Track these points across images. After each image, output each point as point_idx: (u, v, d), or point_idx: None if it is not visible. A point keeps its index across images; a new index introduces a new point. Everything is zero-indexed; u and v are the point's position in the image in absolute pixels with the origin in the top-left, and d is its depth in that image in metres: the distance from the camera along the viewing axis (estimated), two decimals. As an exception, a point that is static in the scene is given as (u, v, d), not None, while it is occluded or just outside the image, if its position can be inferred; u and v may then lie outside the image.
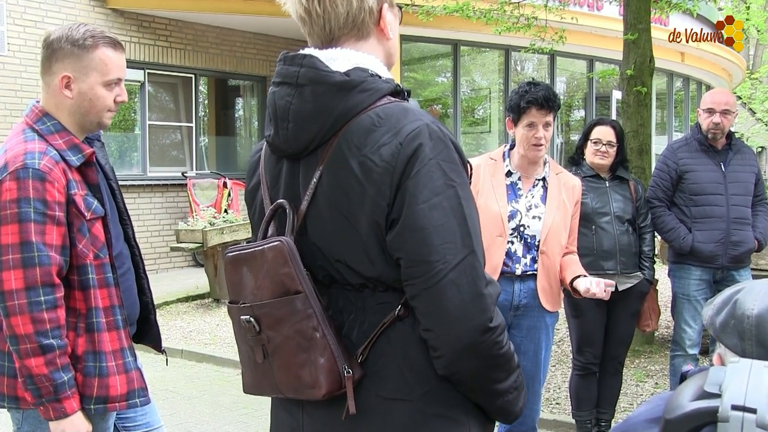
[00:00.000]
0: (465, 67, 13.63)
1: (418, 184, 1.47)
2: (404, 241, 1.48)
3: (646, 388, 5.52)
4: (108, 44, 2.28)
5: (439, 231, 1.47)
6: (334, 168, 1.54)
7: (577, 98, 15.96)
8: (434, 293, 1.47)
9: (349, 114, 1.54)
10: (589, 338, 4.21)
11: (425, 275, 1.47)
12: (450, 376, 1.55)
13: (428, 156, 1.48)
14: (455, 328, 1.48)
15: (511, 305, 3.38)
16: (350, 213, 1.53)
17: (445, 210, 1.48)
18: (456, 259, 1.47)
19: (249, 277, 1.61)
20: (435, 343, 1.52)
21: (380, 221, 1.50)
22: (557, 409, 5.15)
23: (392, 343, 1.56)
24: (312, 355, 1.52)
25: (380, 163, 1.49)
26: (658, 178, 4.49)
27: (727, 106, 4.35)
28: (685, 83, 17.89)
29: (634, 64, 6.37)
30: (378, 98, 1.56)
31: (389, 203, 1.49)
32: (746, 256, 4.38)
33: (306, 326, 1.53)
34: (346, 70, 1.56)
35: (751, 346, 1.33)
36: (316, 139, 1.56)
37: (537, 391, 3.58)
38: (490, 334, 1.50)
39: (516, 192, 3.44)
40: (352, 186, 1.52)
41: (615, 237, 4.09)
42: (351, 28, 1.62)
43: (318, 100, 1.55)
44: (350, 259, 1.55)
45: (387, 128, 1.51)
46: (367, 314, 1.58)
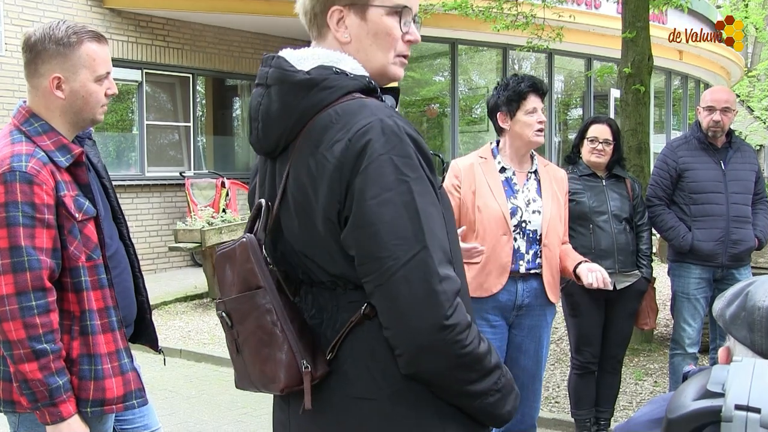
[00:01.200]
0: (463, 66, 13.62)
1: (366, 180, 1.45)
2: (355, 239, 1.48)
3: (645, 387, 5.52)
4: (92, 38, 2.24)
5: (389, 227, 1.44)
6: (296, 166, 1.56)
7: (575, 97, 15.96)
8: (386, 290, 1.45)
9: (311, 112, 1.54)
10: (588, 337, 4.20)
11: (376, 272, 1.46)
12: (414, 376, 1.52)
13: (378, 151, 1.46)
14: (410, 325, 1.45)
15: (515, 305, 3.37)
16: (309, 211, 1.54)
17: (395, 205, 1.45)
18: (407, 255, 1.44)
19: (229, 274, 1.64)
20: (394, 342, 1.50)
21: (333, 219, 1.50)
22: (556, 408, 5.14)
23: (360, 342, 1.55)
24: (272, 350, 1.54)
25: (331, 160, 1.49)
26: (658, 177, 4.48)
27: (728, 103, 4.33)
28: (684, 81, 17.90)
29: (633, 62, 6.36)
30: (341, 95, 1.55)
31: (340, 200, 1.48)
32: (746, 254, 4.36)
33: (266, 321, 1.54)
34: (309, 69, 1.57)
35: (762, 337, 1.32)
36: (282, 138, 1.58)
37: (538, 389, 3.59)
38: (448, 332, 1.45)
39: (513, 188, 3.44)
40: (309, 184, 1.52)
41: (613, 236, 4.08)
42: (310, 28, 1.67)
43: (282, 99, 1.57)
44: (315, 256, 1.57)
45: (341, 125, 1.51)
46: (339, 312, 1.58)
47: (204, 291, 8.98)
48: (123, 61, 10.07)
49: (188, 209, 10.30)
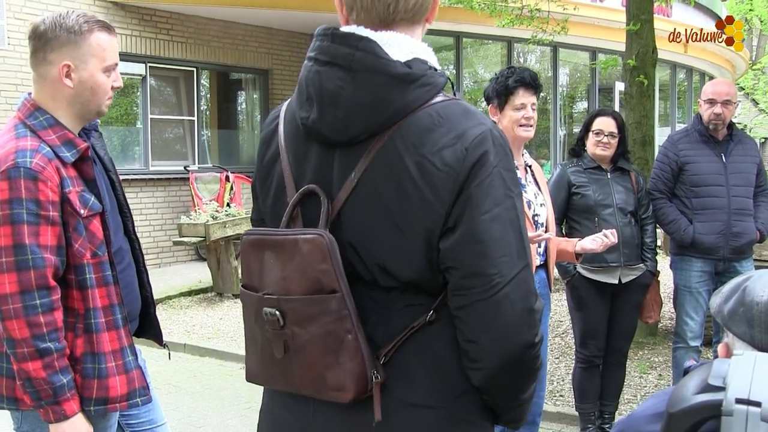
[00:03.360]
0: (467, 60, 13.60)
1: (481, 193, 1.41)
2: (463, 252, 1.42)
3: (650, 380, 5.51)
4: (102, 28, 2.21)
5: (498, 243, 1.42)
6: (384, 165, 1.45)
7: (580, 90, 15.93)
8: (487, 306, 1.42)
9: (407, 109, 1.44)
10: (593, 331, 4.20)
11: (480, 287, 1.42)
12: (484, 387, 1.51)
13: (493, 163, 1.42)
14: (504, 342, 1.43)
15: None
16: (399, 215, 1.44)
17: (504, 222, 1.43)
18: (512, 273, 1.42)
19: (274, 265, 1.50)
20: (477, 356, 1.46)
21: (435, 228, 1.43)
22: (561, 402, 5.14)
23: (421, 348, 1.50)
24: (341, 357, 1.45)
25: (442, 167, 1.41)
26: (659, 170, 4.46)
27: (728, 96, 4.31)
28: (688, 74, 17.85)
29: (637, 54, 6.35)
30: (435, 93, 1.47)
31: (447, 210, 1.42)
32: (748, 247, 4.35)
33: (339, 327, 1.45)
34: (407, 61, 1.46)
35: (761, 332, 1.32)
36: (367, 131, 1.45)
37: (543, 378, 3.61)
38: (533, 350, 1.46)
39: (519, 181, 3.42)
40: (406, 187, 1.43)
41: (618, 229, 4.06)
42: (414, 14, 1.51)
43: (376, 90, 1.44)
44: (389, 261, 1.47)
45: (448, 129, 1.43)
46: (392, 316, 1.50)
47: (208, 285, 9.00)
48: (127, 55, 10.06)
49: (192, 203, 10.31)
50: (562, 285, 5.49)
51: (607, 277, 4.10)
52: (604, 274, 4.10)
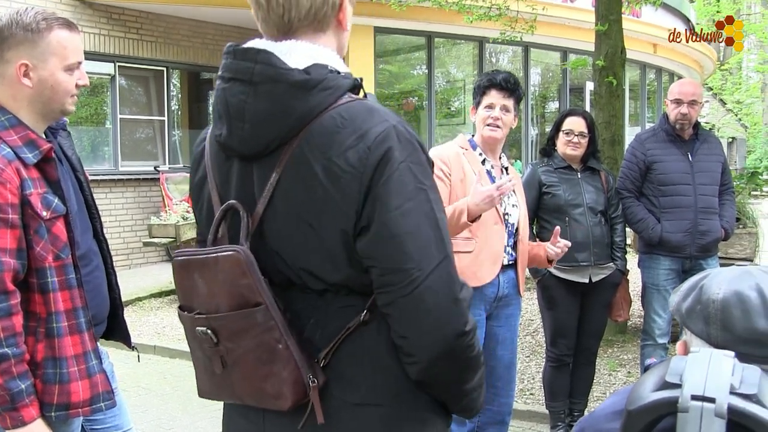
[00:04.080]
0: (439, 59, 13.62)
1: (389, 190, 1.41)
2: (377, 250, 1.43)
3: (619, 377, 5.56)
4: (62, 26, 2.15)
5: (413, 237, 1.42)
6: (295, 171, 1.46)
7: (552, 90, 16.03)
8: (411, 301, 1.43)
9: (311, 114, 1.45)
10: (563, 330, 4.22)
11: (401, 283, 1.42)
12: (422, 381, 1.52)
13: (398, 159, 1.42)
14: (432, 334, 1.44)
15: (496, 296, 3.40)
16: (313, 219, 1.46)
17: (418, 215, 1.43)
18: (431, 265, 1.43)
19: (202, 284, 1.53)
20: (410, 350, 1.47)
21: (347, 229, 1.44)
22: (531, 400, 5.17)
23: (358, 348, 1.51)
24: (275, 367, 1.47)
25: (347, 168, 1.42)
26: (627, 169, 4.51)
27: (695, 96, 4.36)
28: (658, 74, 18.04)
29: (606, 54, 6.40)
30: (339, 96, 1.48)
31: (357, 210, 1.43)
32: (714, 245, 4.41)
33: (269, 338, 1.46)
34: (306, 68, 1.47)
35: (716, 330, 1.34)
36: (275, 141, 1.47)
37: (513, 378, 3.62)
38: (465, 338, 1.48)
39: (493, 180, 3.45)
40: (316, 191, 1.44)
41: (588, 228, 4.10)
42: (312, 21, 1.53)
43: (276, 99, 1.46)
44: (313, 265, 1.49)
45: (352, 130, 1.43)
46: (329, 318, 1.52)
47: (179, 286, 8.91)
48: (95, 54, 9.96)
49: (163, 204, 10.23)
50: (533, 284, 5.53)
51: (578, 277, 4.13)
52: (575, 273, 4.13)
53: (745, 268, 1.41)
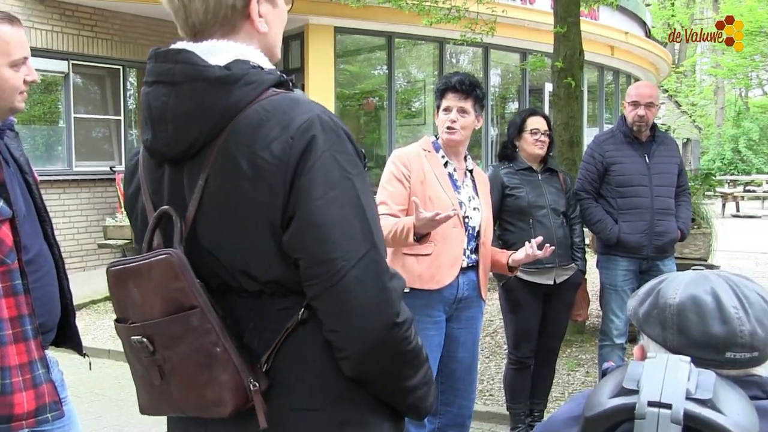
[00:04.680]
0: (400, 60, 13.63)
1: (313, 178, 1.39)
2: (302, 240, 1.41)
3: (577, 377, 5.60)
4: (3, 20, 2.09)
5: (338, 227, 1.40)
6: (222, 169, 1.44)
7: (512, 90, 16.14)
8: (337, 292, 1.40)
9: (234, 110, 1.43)
10: (527, 333, 4.22)
11: (327, 274, 1.40)
12: (358, 377, 1.49)
13: (321, 148, 1.40)
14: (362, 326, 1.42)
15: (456, 298, 3.38)
16: (243, 216, 1.43)
17: (343, 204, 1.41)
18: (358, 254, 1.40)
19: (136, 293, 1.49)
20: (341, 344, 1.45)
21: (275, 221, 1.42)
22: (491, 401, 5.17)
23: (298, 350, 1.48)
24: (214, 372, 1.43)
25: (271, 159, 1.39)
26: (585, 171, 4.53)
27: (651, 99, 4.41)
28: (615, 76, 18.28)
29: (564, 56, 6.45)
30: (263, 90, 1.47)
31: (284, 202, 1.40)
32: (670, 246, 4.45)
33: (205, 342, 1.42)
34: (226, 63, 1.46)
35: (672, 334, 1.35)
36: (200, 140, 1.45)
37: (474, 380, 3.61)
38: (398, 330, 1.45)
39: (455, 183, 3.45)
40: (243, 187, 1.42)
41: (552, 230, 4.10)
42: (213, 23, 1.51)
43: (198, 98, 1.44)
44: (247, 264, 1.46)
45: (275, 122, 1.41)
46: (267, 321, 1.49)
47: (135, 288, 8.76)
48: (47, 51, 9.75)
49: (119, 205, 10.06)
50: (492, 284, 5.53)
51: (543, 279, 4.14)
52: (540, 275, 4.13)
53: (701, 273, 1.41)
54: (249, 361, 1.46)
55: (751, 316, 1.31)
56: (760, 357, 1.32)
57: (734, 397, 1.20)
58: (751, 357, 1.31)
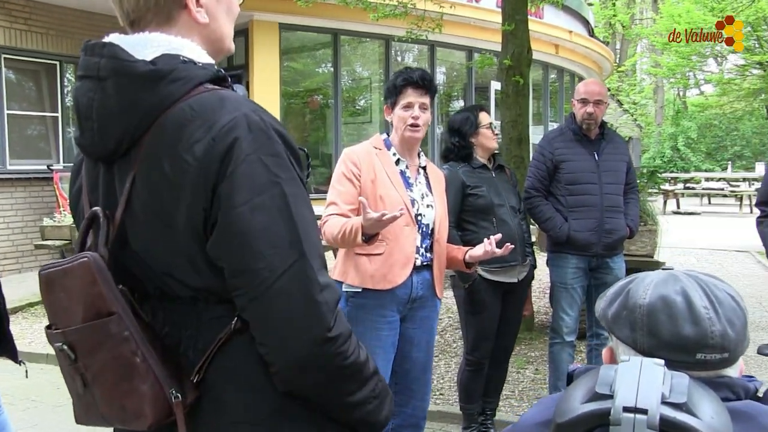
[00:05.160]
0: (345, 57, 13.56)
1: (235, 183, 1.32)
2: (224, 249, 1.34)
3: (527, 375, 5.61)
4: None
5: (263, 235, 1.32)
6: (147, 170, 1.37)
7: (457, 89, 16.21)
8: (262, 304, 1.33)
9: (159, 107, 1.36)
10: (487, 334, 4.17)
11: (250, 285, 1.33)
12: (292, 393, 1.42)
13: (245, 151, 1.33)
14: (289, 341, 1.34)
15: (410, 298, 3.32)
16: (168, 219, 1.37)
17: (269, 211, 1.33)
18: (284, 265, 1.33)
19: (64, 298, 1.41)
20: (270, 358, 1.37)
21: (198, 227, 1.35)
22: (441, 400, 5.13)
23: (231, 361, 1.41)
24: (134, 382, 1.36)
25: (193, 162, 1.32)
26: (535, 169, 4.52)
27: (600, 96, 4.42)
28: (560, 75, 18.53)
29: (512, 54, 6.46)
30: (192, 87, 1.39)
31: (206, 207, 1.33)
32: (619, 243, 4.47)
33: (125, 351, 1.36)
34: (153, 58, 1.38)
35: (643, 336, 1.31)
36: (125, 139, 1.38)
37: (428, 380, 3.57)
38: (330, 345, 1.36)
39: (407, 180, 3.39)
40: (167, 189, 1.35)
41: (514, 227, 4.07)
42: (146, 12, 1.45)
43: (122, 94, 1.37)
44: (174, 269, 1.40)
45: (201, 122, 1.34)
46: (202, 329, 1.42)
47: (75, 290, 8.50)
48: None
49: (57, 204, 9.75)
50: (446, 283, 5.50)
51: (508, 277, 4.11)
52: (505, 274, 4.09)
53: (670, 272, 1.38)
54: (178, 371, 1.40)
55: (721, 316, 1.28)
56: (731, 358, 1.29)
57: (708, 400, 1.16)
58: (721, 358, 1.28)
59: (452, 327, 6.99)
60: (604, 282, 4.45)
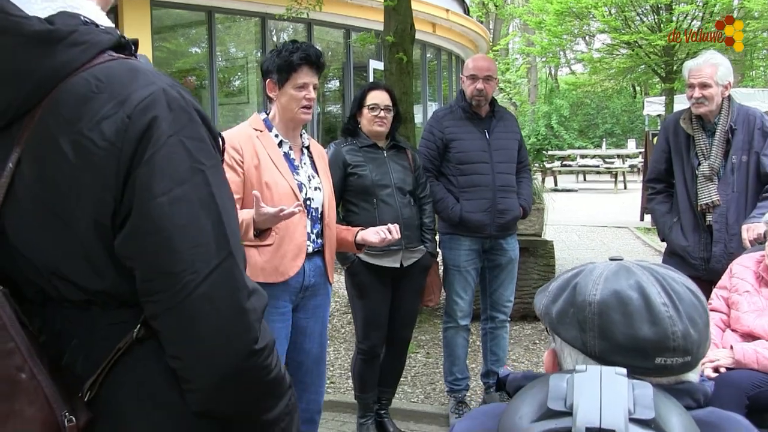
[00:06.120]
0: (220, 37, 13.10)
1: (153, 170, 1.13)
2: (138, 247, 1.14)
3: (419, 359, 5.52)
4: None
5: (185, 231, 1.15)
6: (37, 150, 1.16)
7: (334, 68, 15.99)
8: (181, 312, 1.14)
9: (57, 76, 1.15)
10: (376, 320, 3.97)
11: (168, 290, 1.14)
12: (208, 413, 1.22)
13: (166, 132, 1.14)
14: (211, 354, 1.16)
15: (302, 286, 3.13)
16: (63, 210, 1.16)
17: (191, 203, 1.16)
18: (209, 266, 1.15)
19: None
20: (186, 374, 1.19)
21: (105, 221, 1.16)
22: (332, 389, 4.95)
23: (131, 374, 1.22)
24: (17, 403, 1.14)
25: (101, 143, 1.13)
26: (425, 148, 4.37)
27: (489, 72, 4.30)
28: (437, 54, 18.61)
29: (395, 31, 6.32)
30: (95, 54, 1.17)
31: (116, 197, 1.14)
32: (513, 223, 4.39)
33: (8, 366, 1.14)
34: (49, 16, 1.17)
35: (593, 338, 1.13)
36: (9, 111, 1.16)
37: (322, 372, 3.40)
38: (256, 358, 1.19)
39: (292, 163, 3.16)
40: (64, 174, 1.15)
41: (398, 210, 3.87)
42: None
43: (9, 57, 1.15)
44: (69, 270, 1.19)
45: (110, 95, 1.15)
46: (96, 338, 1.22)
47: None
48: None
49: None
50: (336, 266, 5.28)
51: (389, 261, 3.90)
52: (385, 258, 3.89)
53: (621, 264, 1.21)
54: (67, 388, 1.17)
55: (682, 314, 1.12)
56: (692, 361, 1.13)
57: (675, 413, 1.01)
58: (683, 362, 1.12)
59: (339, 312, 6.82)
60: (498, 264, 4.37)
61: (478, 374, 4.85)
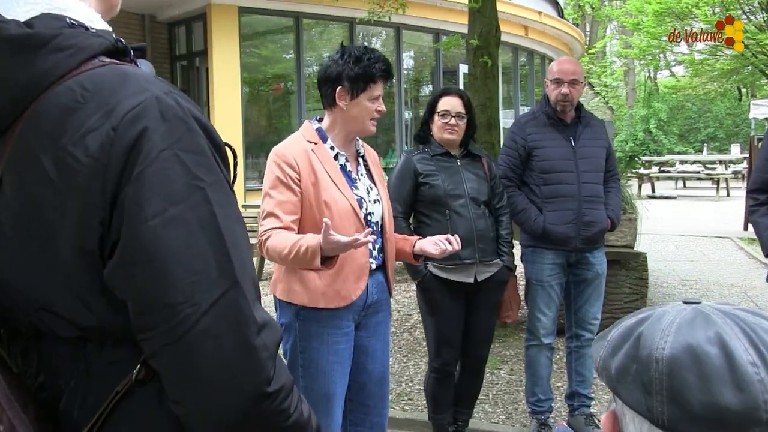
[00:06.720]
0: (309, 42, 13.16)
1: (144, 189, 0.99)
2: (129, 277, 1.00)
3: (502, 376, 5.27)
4: None
5: (182, 258, 1.01)
6: (19, 169, 1.03)
7: (425, 73, 15.88)
8: (180, 351, 1.00)
9: (39, 85, 1.03)
10: (448, 338, 3.77)
11: (165, 326, 1.00)
12: None
13: (158, 146, 1.00)
14: (216, 398, 1.01)
15: (365, 305, 2.94)
16: (47, 236, 1.03)
17: (189, 225, 1.01)
18: (210, 297, 1.01)
19: None
20: (189, 421, 1.06)
21: (92, 247, 1.02)
22: (409, 406, 4.77)
23: (131, 421, 1.08)
24: None
25: (84, 159, 1.00)
26: (507, 156, 4.13)
27: (575, 75, 4.03)
28: (530, 57, 18.24)
29: (480, 33, 6.14)
30: (84, 60, 1.04)
31: (103, 220, 1.01)
32: (600, 236, 4.10)
33: None
34: (29, 19, 1.05)
35: (661, 403, 0.89)
36: None
37: (386, 394, 3.19)
38: (270, 402, 1.04)
39: (350, 176, 2.95)
40: (47, 196, 1.02)
41: (471, 221, 3.65)
42: None
43: None
44: (55, 303, 1.06)
45: (96, 105, 1.01)
46: (93, 379, 1.09)
47: None
48: None
49: None
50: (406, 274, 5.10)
51: (462, 276, 3.69)
52: (459, 272, 3.68)
53: (698, 308, 0.96)
54: None
55: None
56: None
57: None
58: None
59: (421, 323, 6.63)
60: (583, 279, 4.09)
61: (563, 393, 4.57)
